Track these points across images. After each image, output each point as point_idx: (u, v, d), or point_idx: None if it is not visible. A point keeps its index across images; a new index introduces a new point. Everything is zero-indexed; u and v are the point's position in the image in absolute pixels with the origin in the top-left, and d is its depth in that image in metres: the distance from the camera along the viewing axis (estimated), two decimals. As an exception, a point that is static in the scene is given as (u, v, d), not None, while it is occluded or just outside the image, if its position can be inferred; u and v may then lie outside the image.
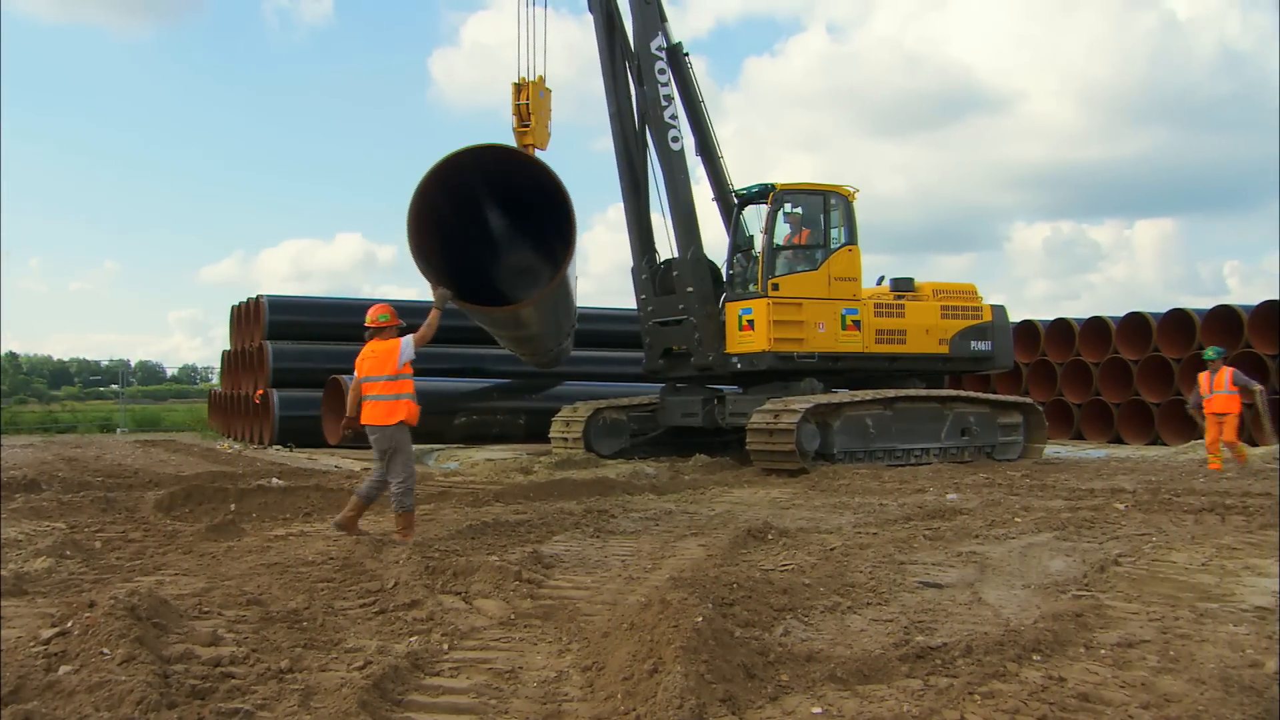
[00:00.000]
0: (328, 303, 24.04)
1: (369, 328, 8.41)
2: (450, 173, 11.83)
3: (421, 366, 24.48)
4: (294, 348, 21.64)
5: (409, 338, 8.25)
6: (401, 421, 8.13)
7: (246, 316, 23.85)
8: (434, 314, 8.62)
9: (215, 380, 34.52)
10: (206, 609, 5.56)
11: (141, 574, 6.84)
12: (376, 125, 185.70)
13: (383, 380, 8.14)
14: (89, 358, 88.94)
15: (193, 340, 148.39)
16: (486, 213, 13.89)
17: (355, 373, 8.40)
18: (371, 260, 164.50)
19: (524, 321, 14.77)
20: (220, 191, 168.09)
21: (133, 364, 76.44)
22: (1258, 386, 14.12)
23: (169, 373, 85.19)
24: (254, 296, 23.10)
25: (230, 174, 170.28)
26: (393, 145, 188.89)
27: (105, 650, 4.27)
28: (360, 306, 24.05)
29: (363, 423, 8.27)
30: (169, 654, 4.52)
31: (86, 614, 4.70)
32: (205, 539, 8.24)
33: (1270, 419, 14.74)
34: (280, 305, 22.37)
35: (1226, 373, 13.98)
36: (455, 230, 13.27)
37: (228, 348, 26.02)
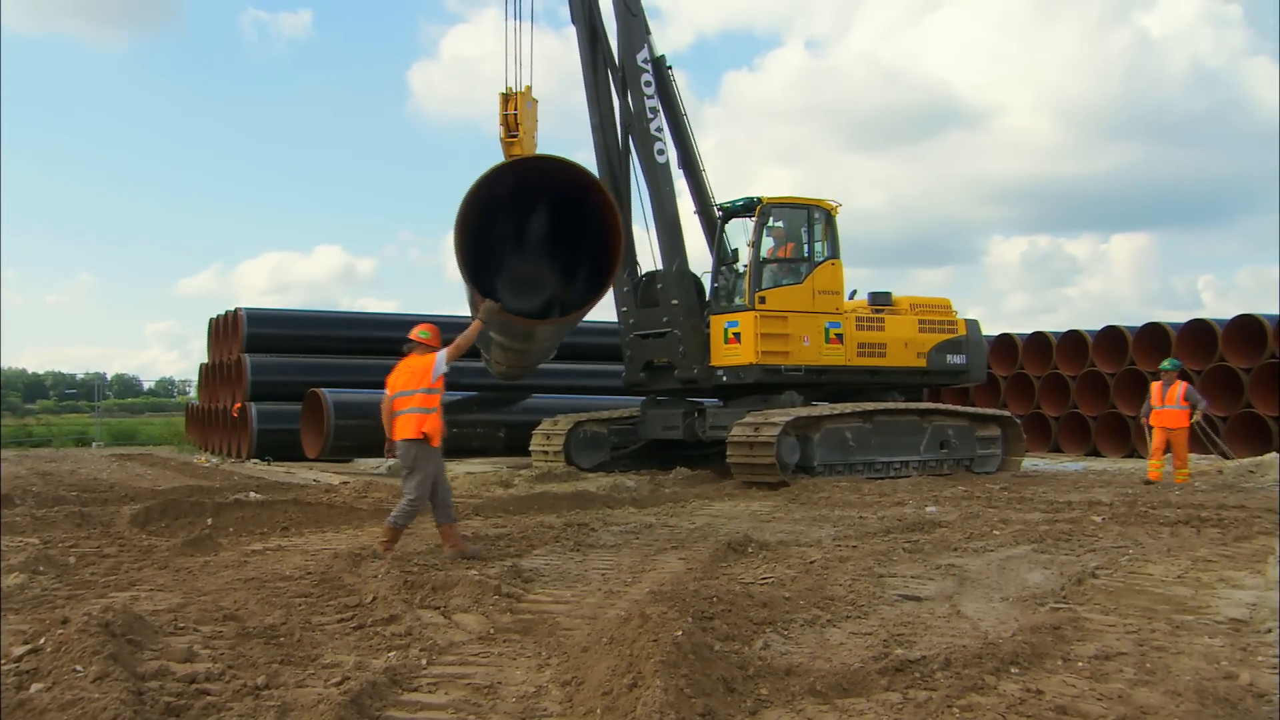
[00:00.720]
0: (307, 315, 23.93)
1: (410, 340, 8.28)
2: (500, 181, 11.44)
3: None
4: (272, 361, 21.54)
5: (442, 352, 8.14)
6: (426, 437, 7.96)
7: (225, 329, 23.72)
8: (475, 326, 8.46)
9: (193, 393, 34.29)
10: (182, 625, 5.51)
11: (116, 590, 6.77)
12: (356, 138, 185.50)
13: (418, 394, 8.02)
14: (64, 371, 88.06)
15: (170, 353, 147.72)
16: (511, 222, 13.59)
17: (387, 389, 8.22)
18: (351, 273, 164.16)
19: (537, 336, 14.60)
20: (198, 204, 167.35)
21: (109, 377, 75.86)
22: (1201, 404, 13.93)
23: (146, 386, 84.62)
24: (232, 309, 22.99)
25: (208, 186, 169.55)
26: (372, 158, 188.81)
27: (78, 667, 4.22)
28: (340, 320, 24.10)
29: (393, 438, 8.09)
30: (143, 671, 4.47)
31: (59, 630, 4.64)
32: (181, 554, 8.16)
33: (1209, 437, 14.42)
34: (259, 318, 22.27)
35: (1180, 387, 13.76)
36: (487, 238, 12.99)
37: (206, 361, 25.87)
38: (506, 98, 13.90)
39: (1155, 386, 14.05)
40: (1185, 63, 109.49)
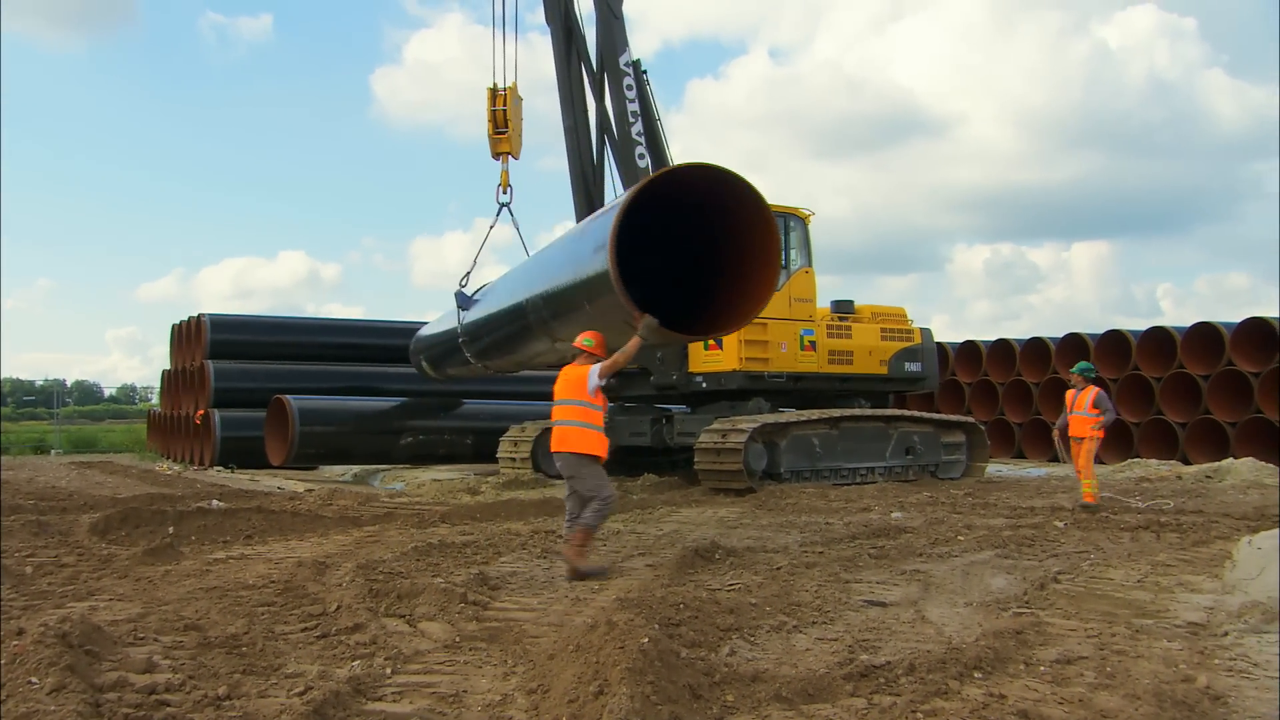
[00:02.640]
0: (271, 321, 23.70)
1: (576, 349, 8.14)
2: (658, 189, 10.55)
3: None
4: (236, 367, 21.32)
5: (597, 365, 7.91)
6: (594, 457, 7.87)
7: (187, 335, 23.44)
8: (634, 342, 8.19)
9: (155, 400, 33.83)
10: (142, 635, 5.43)
11: (74, 600, 6.66)
12: (319, 142, 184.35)
13: (575, 405, 7.89)
14: (23, 377, 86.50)
15: (131, 359, 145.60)
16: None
17: (554, 396, 8.15)
18: (315, 278, 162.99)
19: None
20: (159, 208, 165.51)
21: (69, 384, 74.67)
22: (1110, 414, 12.19)
23: (107, 393, 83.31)
24: (195, 315, 22.72)
25: (170, 190, 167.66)
26: (335, 163, 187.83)
27: (33, 679, 4.14)
28: (304, 326, 23.87)
29: (551, 449, 7.99)
30: (101, 682, 4.40)
31: (15, 642, 4.56)
32: (142, 563, 8.04)
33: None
34: (222, 324, 22.03)
35: (1090, 393, 12.24)
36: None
37: (168, 367, 25.55)
38: (494, 94, 13.80)
39: (1069, 395, 12.44)
40: (1143, 74, 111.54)
